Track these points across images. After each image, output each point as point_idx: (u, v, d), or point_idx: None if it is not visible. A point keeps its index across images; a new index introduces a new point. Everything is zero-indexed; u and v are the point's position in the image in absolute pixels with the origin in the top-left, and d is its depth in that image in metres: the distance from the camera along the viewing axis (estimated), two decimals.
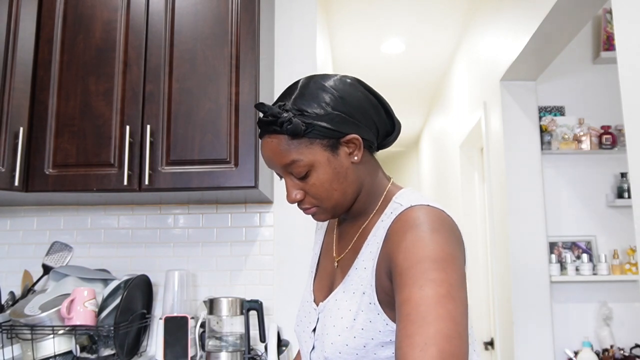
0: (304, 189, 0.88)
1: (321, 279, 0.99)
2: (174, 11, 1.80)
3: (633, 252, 2.69)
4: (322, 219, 0.91)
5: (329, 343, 0.84)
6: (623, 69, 1.42)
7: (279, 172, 0.89)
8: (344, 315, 0.84)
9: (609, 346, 2.57)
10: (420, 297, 0.70)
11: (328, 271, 0.97)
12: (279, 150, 0.85)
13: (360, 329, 0.82)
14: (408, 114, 5.46)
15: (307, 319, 0.96)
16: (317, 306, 0.93)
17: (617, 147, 2.75)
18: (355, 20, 3.52)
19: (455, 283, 0.73)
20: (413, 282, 0.72)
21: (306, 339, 0.94)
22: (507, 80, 2.77)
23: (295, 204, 0.90)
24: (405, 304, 0.71)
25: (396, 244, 0.79)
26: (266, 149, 0.87)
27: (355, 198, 0.91)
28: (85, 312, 1.65)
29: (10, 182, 1.67)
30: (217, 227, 2.05)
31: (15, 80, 1.72)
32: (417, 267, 0.74)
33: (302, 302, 1.00)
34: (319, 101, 0.85)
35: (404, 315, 0.70)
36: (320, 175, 0.86)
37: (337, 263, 0.95)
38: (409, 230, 0.79)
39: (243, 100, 1.72)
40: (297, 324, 0.99)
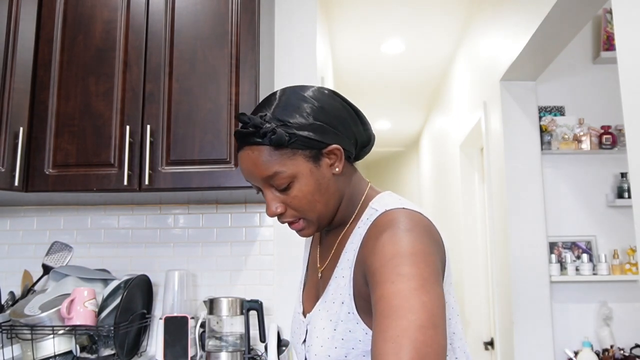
0: (285, 201, 0.86)
1: (309, 290, 0.98)
2: (174, 11, 1.80)
3: (633, 252, 2.69)
4: (308, 234, 0.89)
5: (312, 354, 0.84)
6: (623, 69, 1.42)
7: (259, 185, 0.87)
8: (325, 326, 0.84)
9: (609, 346, 2.57)
10: (392, 292, 0.69)
11: (314, 282, 0.97)
12: (260, 162, 0.83)
13: (341, 339, 0.81)
14: (408, 114, 5.46)
15: (298, 330, 0.95)
16: (305, 317, 0.93)
17: (617, 147, 2.75)
18: (355, 20, 3.52)
19: (428, 277, 0.71)
20: (385, 278, 0.71)
21: (299, 350, 0.93)
22: (507, 80, 2.77)
23: (275, 217, 0.88)
24: (379, 301, 0.70)
25: (370, 248, 0.78)
26: (246, 161, 0.85)
27: (337, 209, 0.90)
28: (85, 312, 1.65)
29: (10, 182, 1.67)
30: (217, 227, 2.05)
31: (15, 80, 1.72)
32: (388, 264, 0.73)
33: (294, 314, 1.00)
34: (300, 111, 0.84)
35: (378, 311, 0.69)
36: (303, 187, 0.84)
37: (320, 274, 0.94)
38: (382, 233, 0.78)
39: (243, 100, 1.72)
40: (292, 336, 0.99)
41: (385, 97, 4.96)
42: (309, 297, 0.97)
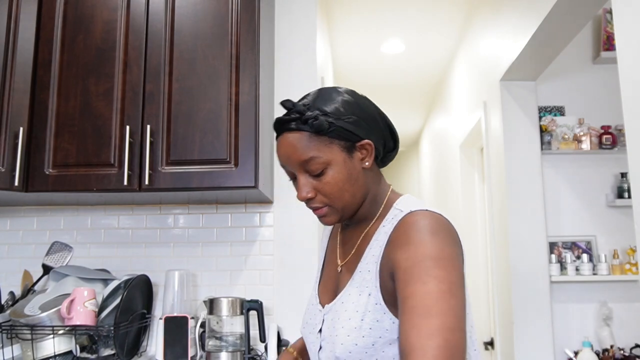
0: (317, 187, 0.92)
1: (326, 283, 1.03)
2: (174, 11, 1.80)
3: (633, 252, 2.69)
4: (330, 221, 0.94)
5: (339, 344, 0.87)
6: (623, 69, 1.42)
7: (293, 170, 0.92)
8: (352, 317, 0.87)
9: (609, 346, 2.57)
10: (424, 292, 0.75)
11: (332, 275, 1.02)
12: (299, 147, 0.89)
13: (369, 329, 0.85)
14: (408, 114, 5.46)
15: (312, 320, 1.00)
16: (323, 308, 0.98)
17: (617, 147, 2.75)
18: (355, 20, 3.53)
19: (455, 281, 0.78)
20: (417, 278, 0.77)
21: (313, 339, 0.97)
22: (507, 80, 2.77)
23: (304, 202, 0.94)
24: (410, 298, 0.76)
25: (398, 247, 0.84)
26: (285, 146, 0.91)
27: (361, 203, 0.95)
28: (85, 312, 1.65)
29: (10, 182, 1.67)
30: (217, 227, 2.05)
31: (15, 80, 1.72)
32: (420, 265, 0.78)
33: (308, 305, 1.05)
34: (338, 104, 0.91)
35: (408, 307, 0.75)
36: (335, 175, 0.90)
37: (341, 267, 1.00)
38: (409, 233, 0.84)
39: (243, 100, 1.72)
40: (304, 326, 1.03)
41: (385, 97, 4.96)
42: (326, 290, 1.01)
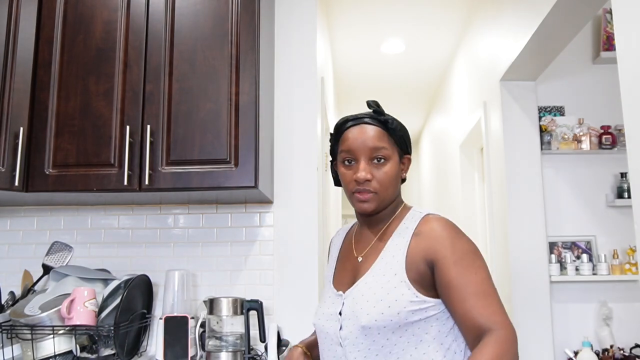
0: (373, 174, 1.11)
1: (341, 276, 1.18)
2: (174, 11, 1.80)
3: (633, 252, 2.69)
4: (369, 208, 1.12)
5: (364, 314, 1.04)
6: (623, 69, 1.42)
7: (361, 153, 1.11)
8: (377, 292, 1.06)
9: (608, 346, 2.57)
10: (480, 280, 1.02)
11: (348, 268, 1.18)
12: (374, 136, 1.12)
13: (394, 300, 1.04)
14: (408, 114, 5.46)
15: (329, 309, 1.13)
16: (344, 293, 1.12)
17: (617, 147, 2.75)
18: (355, 20, 3.53)
19: (487, 268, 1.05)
20: (468, 269, 1.03)
21: (332, 323, 1.11)
22: (507, 80, 2.78)
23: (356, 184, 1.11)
24: (469, 285, 1.01)
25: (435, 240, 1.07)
26: (363, 132, 1.12)
27: (390, 203, 1.16)
28: (86, 312, 1.65)
29: (11, 182, 1.67)
30: (217, 227, 2.05)
31: (16, 80, 1.72)
32: (466, 258, 1.04)
33: (323, 300, 1.19)
34: (397, 121, 1.15)
35: (471, 293, 1.00)
36: (390, 169, 1.12)
37: (361, 258, 1.16)
38: (441, 232, 1.07)
39: (243, 100, 1.72)
40: (318, 317, 1.15)
41: (385, 97, 4.96)
42: (343, 281, 1.17)
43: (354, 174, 1.11)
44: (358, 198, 1.12)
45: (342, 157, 1.14)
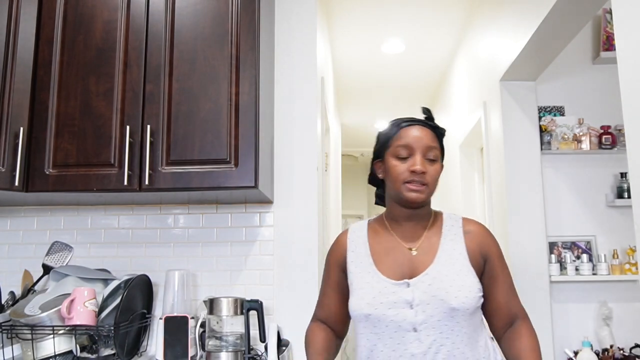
0: (427, 169, 1.24)
1: (391, 267, 1.25)
2: (174, 11, 1.80)
3: (633, 252, 2.69)
4: (420, 198, 1.24)
5: (452, 298, 1.17)
6: (623, 69, 1.42)
7: (417, 149, 1.24)
8: (455, 279, 1.20)
9: (608, 346, 2.57)
10: (510, 275, 1.29)
11: (400, 260, 1.25)
12: (430, 136, 1.27)
13: (471, 285, 1.20)
14: (408, 114, 5.46)
15: (390, 297, 1.19)
16: (409, 282, 1.20)
17: (617, 147, 2.75)
18: (355, 20, 3.53)
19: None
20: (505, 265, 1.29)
21: (399, 310, 1.18)
22: (506, 80, 2.78)
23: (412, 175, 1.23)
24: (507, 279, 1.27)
25: (485, 238, 1.29)
26: (421, 131, 1.27)
27: (430, 201, 1.32)
28: (86, 312, 1.65)
29: (11, 182, 1.67)
30: (217, 227, 2.05)
31: (16, 80, 1.72)
32: (502, 256, 1.29)
33: (377, 290, 1.21)
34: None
35: (508, 285, 1.27)
36: (438, 169, 1.28)
37: (415, 251, 1.26)
38: (486, 231, 1.31)
39: (243, 100, 1.72)
40: (375, 307, 1.19)
41: (385, 97, 4.96)
42: (397, 271, 1.24)
43: (409, 166, 1.23)
44: (410, 188, 1.23)
45: (398, 151, 1.25)
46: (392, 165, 1.26)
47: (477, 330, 1.23)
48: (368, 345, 1.22)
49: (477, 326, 1.23)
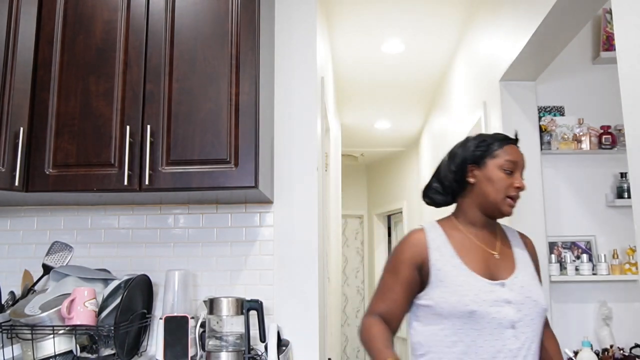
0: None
1: (482, 268, 1.33)
2: (174, 11, 1.80)
3: (633, 252, 2.69)
4: (511, 212, 1.36)
5: (541, 299, 1.32)
6: (623, 69, 1.43)
7: (519, 169, 1.37)
8: (536, 283, 1.35)
9: (608, 346, 2.57)
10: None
11: (486, 262, 1.35)
12: (524, 158, 1.40)
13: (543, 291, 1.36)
14: (408, 114, 5.47)
15: (489, 295, 1.28)
16: (505, 282, 1.32)
17: (616, 147, 2.75)
18: (355, 20, 3.53)
19: None
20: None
21: (499, 308, 1.28)
22: (506, 80, 2.78)
23: (513, 191, 1.35)
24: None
25: (535, 250, 1.46)
26: (520, 153, 1.39)
27: None
28: (86, 312, 1.65)
29: (11, 182, 1.67)
30: (217, 227, 2.05)
31: (16, 80, 1.72)
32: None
33: (477, 288, 1.29)
34: None
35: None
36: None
37: (498, 255, 1.37)
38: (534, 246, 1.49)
39: (243, 100, 1.72)
40: (479, 304, 1.27)
41: (385, 97, 4.96)
42: (486, 272, 1.33)
43: (514, 182, 1.34)
44: (510, 202, 1.35)
45: (505, 164, 1.35)
46: (498, 177, 1.35)
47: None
48: (467, 341, 1.27)
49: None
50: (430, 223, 1.43)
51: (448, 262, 1.33)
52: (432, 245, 1.36)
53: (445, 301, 1.28)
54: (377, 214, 7.17)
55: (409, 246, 1.38)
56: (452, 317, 1.28)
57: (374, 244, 7.12)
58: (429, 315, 1.32)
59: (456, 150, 1.43)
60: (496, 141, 1.38)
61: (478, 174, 1.37)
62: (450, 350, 1.28)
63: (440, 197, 1.47)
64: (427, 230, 1.40)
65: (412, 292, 1.36)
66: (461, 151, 1.41)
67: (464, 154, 1.40)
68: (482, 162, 1.37)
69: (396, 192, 6.76)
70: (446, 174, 1.43)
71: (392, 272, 1.38)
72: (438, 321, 1.30)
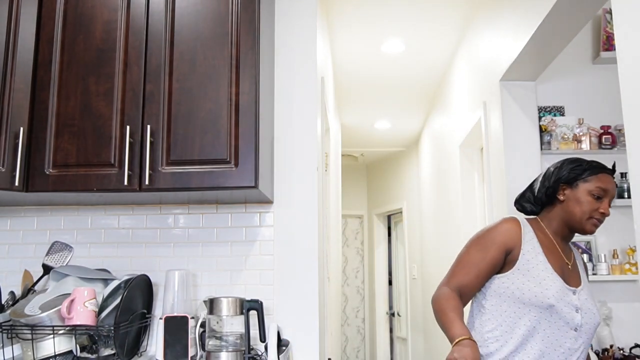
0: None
1: (560, 272, 1.49)
2: (174, 11, 1.80)
3: (633, 252, 2.69)
4: (594, 232, 1.51)
5: (598, 313, 1.48)
6: (623, 69, 1.43)
7: (607, 197, 1.49)
8: (593, 299, 1.51)
9: (608, 346, 2.57)
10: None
11: (562, 269, 1.51)
12: (615, 188, 1.51)
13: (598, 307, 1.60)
14: (408, 114, 5.47)
15: (565, 297, 1.44)
16: (575, 290, 1.48)
17: (617, 147, 2.75)
18: (355, 20, 3.53)
19: None
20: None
21: (570, 310, 1.44)
22: (506, 80, 2.78)
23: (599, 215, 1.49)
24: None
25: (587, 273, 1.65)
26: (612, 182, 1.51)
27: None
28: (86, 312, 1.65)
29: (11, 182, 1.67)
30: (217, 227, 2.05)
31: (16, 80, 1.72)
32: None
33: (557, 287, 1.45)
34: None
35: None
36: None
37: (570, 265, 1.53)
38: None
39: (243, 100, 1.72)
40: (557, 300, 1.43)
41: (385, 97, 4.96)
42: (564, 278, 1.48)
43: (600, 207, 1.48)
44: (595, 223, 1.49)
45: (595, 190, 1.48)
46: (586, 200, 1.49)
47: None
48: (537, 328, 1.43)
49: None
50: (522, 219, 1.56)
51: (536, 256, 1.48)
52: (525, 238, 1.50)
53: (529, 289, 1.44)
54: (377, 214, 7.18)
55: (504, 230, 1.51)
56: (531, 305, 1.43)
57: (374, 244, 7.13)
58: (504, 296, 1.47)
59: (552, 169, 1.58)
60: (592, 168, 1.52)
61: (569, 193, 1.53)
62: (519, 331, 1.43)
63: (530, 205, 1.63)
64: (522, 224, 1.54)
65: (493, 272, 1.49)
66: (557, 171, 1.56)
67: (559, 173, 1.55)
68: (574, 184, 1.52)
69: (396, 192, 6.76)
70: (540, 188, 1.59)
71: (481, 250, 1.50)
72: (514, 303, 1.45)
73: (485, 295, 1.51)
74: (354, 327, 7.16)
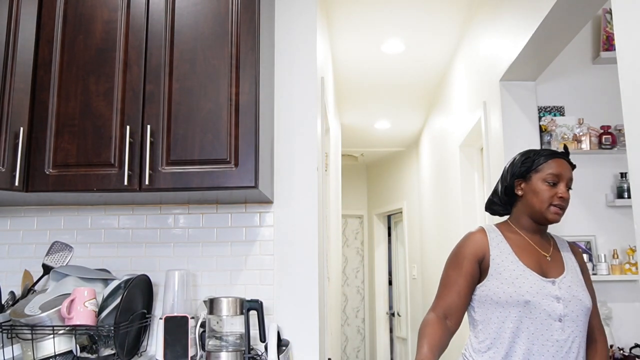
0: (568, 197, 1.51)
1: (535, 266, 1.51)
2: (174, 11, 1.80)
3: (633, 252, 2.69)
4: (558, 219, 1.51)
5: (586, 298, 1.48)
6: (623, 69, 1.43)
7: (562, 180, 1.50)
8: (581, 285, 1.51)
9: (608, 346, 2.57)
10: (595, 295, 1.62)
11: (539, 262, 1.52)
12: (570, 170, 1.53)
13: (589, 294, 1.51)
14: (408, 114, 5.47)
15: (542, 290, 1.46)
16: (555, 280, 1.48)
17: (617, 147, 2.75)
18: (355, 20, 3.53)
19: None
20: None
21: (550, 302, 1.45)
22: (506, 80, 2.78)
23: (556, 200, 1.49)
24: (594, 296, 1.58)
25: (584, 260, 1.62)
26: (565, 164, 1.52)
27: None
28: (86, 312, 1.65)
29: (11, 182, 1.67)
30: (217, 227, 2.05)
31: (16, 80, 1.72)
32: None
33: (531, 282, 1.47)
34: None
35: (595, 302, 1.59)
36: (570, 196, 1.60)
37: (549, 257, 1.54)
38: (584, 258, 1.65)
39: (243, 100, 1.72)
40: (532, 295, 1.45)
41: (385, 97, 4.96)
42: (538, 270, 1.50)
43: (556, 192, 1.49)
44: (555, 210, 1.50)
45: (548, 177, 1.50)
46: (541, 189, 1.50)
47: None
48: (521, 327, 1.44)
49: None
50: (489, 225, 1.60)
51: (506, 258, 1.51)
52: (492, 244, 1.54)
53: (503, 291, 1.46)
54: (377, 214, 7.18)
55: (471, 243, 1.55)
56: (509, 306, 1.45)
57: (374, 244, 7.13)
58: (487, 304, 1.49)
59: (507, 167, 1.61)
60: (541, 156, 1.53)
61: (525, 187, 1.55)
62: (501, 335, 1.46)
63: (499, 208, 1.66)
64: (487, 230, 1.58)
65: (473, 284, 1.52)
66: (510, 168, 1.59)
67: (512, 170, 1.58)
68: (527, 177, 1.54)
69: (396, 192, 6.76)
70: (500, 188, 1.63)
71: (455, 267, 1.53)
72: (495, 308, 1.47)
73: (474, 307, 1.54)
74: (354, 327, 7.17)
